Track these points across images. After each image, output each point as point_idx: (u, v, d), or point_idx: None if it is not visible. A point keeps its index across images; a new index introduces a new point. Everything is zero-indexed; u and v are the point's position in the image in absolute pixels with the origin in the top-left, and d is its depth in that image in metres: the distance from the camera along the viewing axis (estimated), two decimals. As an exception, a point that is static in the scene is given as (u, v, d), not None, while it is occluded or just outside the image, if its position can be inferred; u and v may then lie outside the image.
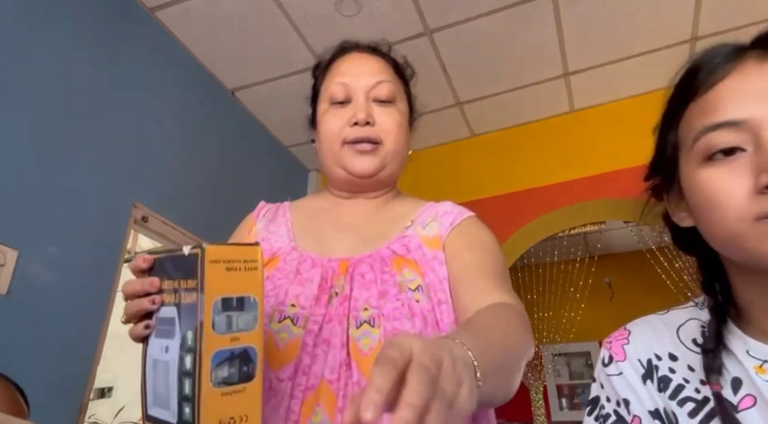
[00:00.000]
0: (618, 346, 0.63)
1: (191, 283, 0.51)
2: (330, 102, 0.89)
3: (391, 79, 0.90)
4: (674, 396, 0.56)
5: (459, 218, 0.86)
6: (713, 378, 0.53)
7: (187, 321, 0.51)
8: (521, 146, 3.05)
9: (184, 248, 0.53)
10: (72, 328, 1.73)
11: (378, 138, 0.86)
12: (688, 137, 0.55)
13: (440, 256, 0.80)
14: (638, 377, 0.59)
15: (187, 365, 0.50)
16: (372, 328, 0.72)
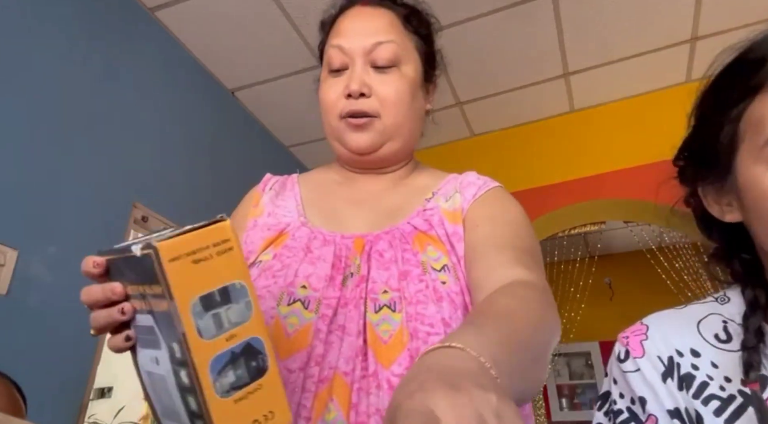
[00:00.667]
0: (636, 341, 0.58)
1: (156, 289, 0.42)
2: (327, 70, 0.80)
3: (394, 38, 0.78)
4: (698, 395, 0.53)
5: (483, 188, 0.77)
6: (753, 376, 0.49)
7: (167, 331, 0.43)
8: (521, 146, 3.05)
9: (134, 248, 0.42)
10: (72, 328, 1.73)
11: (375, 111, 0.76)
12: (756, 135, 0.50)
13: (459, 231, 0.71)
14: (658, 374, 0.55)
15: (185, 381, 0.42)
16: (393, 312, 0.64)
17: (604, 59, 2.63)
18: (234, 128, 2.78)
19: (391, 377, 0.60)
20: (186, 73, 2.50)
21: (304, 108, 2.84)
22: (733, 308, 0.57)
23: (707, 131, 0.56)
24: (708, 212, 0.58)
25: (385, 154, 0.79)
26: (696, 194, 0.59)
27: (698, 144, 0.58)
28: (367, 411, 0.58)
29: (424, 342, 0.61)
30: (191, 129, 2.46)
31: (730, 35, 2.42)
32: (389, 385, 0.59)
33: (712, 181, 0.57)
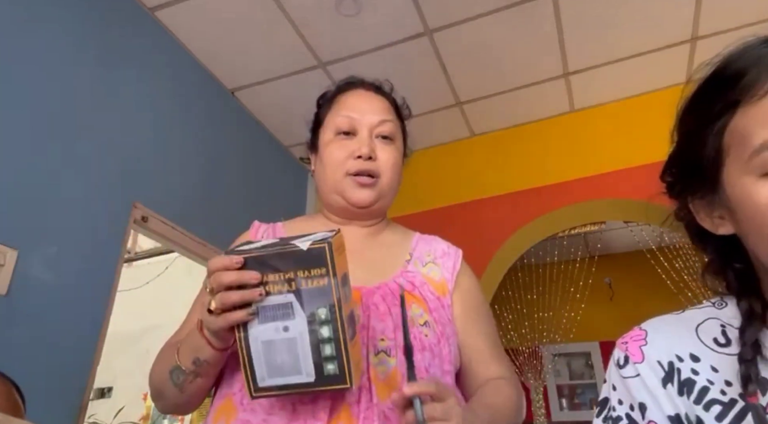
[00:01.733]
0: (635, 347, 0.58)
1: (317, 271, 0.64)
2: (335, 132, 0.96)
3: (392, 119, 0.99)
4: (699, 400, 0.52)
5: (457, 260, 0.98)
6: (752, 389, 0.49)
7: (313, 302, 0.65)
8: (521, 146, 3.05)
9: (300, 245, 0.65)
10: (72, 328, 1.73)
11: (377, 172, 0.94)
12: (743, 147, 0.51)
13: (447, 302, 0.91)
14: (658, 380, 0.55)
15: (325, 335, 0.65)
16: (388, 357, 0.80)
17: (604, 59, 2.63)
18: (234, 128, 2.78)
19: (386, 409, 0.74)
20: (186, 73, 2.50)
21: (304, 108, 2.83)
22: (730, 312, 0.57)
23: (692, 147, 0.57)
24: (700, 225, 0.58)
25: (377, 208, 0.97)
26: (687, 208, 0.60)
27: (684, 159, 0.59)
28: None
29: None
30: (191, 129, 2.46)
31: (730, 35, 2.42)
32: (385, 416, 0.74)
33: (702, 195, 0.57)
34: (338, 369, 0.66)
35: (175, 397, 0.81)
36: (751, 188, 0.50)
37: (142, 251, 5.05)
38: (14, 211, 1.61)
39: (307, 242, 0.65)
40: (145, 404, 4.74)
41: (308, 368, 0.67)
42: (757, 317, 0.53)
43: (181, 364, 0.77)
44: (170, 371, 0.79)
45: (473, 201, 2.96)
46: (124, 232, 1.99)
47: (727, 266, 0.58)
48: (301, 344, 0.66)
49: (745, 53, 0.52)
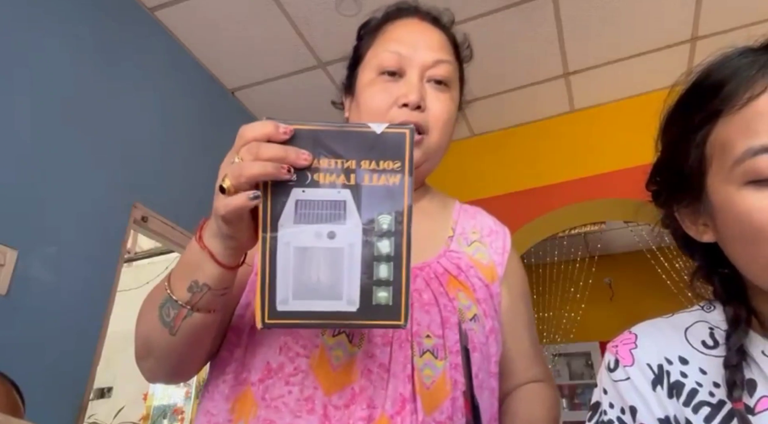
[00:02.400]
0: (625, 350, 0.59)
1: (389, 164, 0.49)
2: (378, 71, 0.76)
3: (450, 60, 0.79)
4: (688, 402, 0.53)
5: (506, 241, 0.84)
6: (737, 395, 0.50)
7: (376, 205, 0.50)
8: (521, 146, 3.05)
9: (373, 126, 0.50)
10: (72, 328, 1.73)
11: (426, 127, 0.75)
12: (724, 157, 0.51)
13: (495, 290, 0.77)
14: (647, 382, 0.56)
15: (384, 250, 0.50)
16: (435, 359, 0.65)
17: (604, 59, 2.63)
18: (234, 128, 2.76)
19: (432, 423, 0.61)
20: (186, 73, 2.50)
21: (304, 108, 2.84)
22: (718, 315, 0.58)
23: (675, 156, 0.57)
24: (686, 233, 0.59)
25: (421, 172, 0.79)
26: (673, 216, 0.60)
27: (668, 169, 0.59)
28: None
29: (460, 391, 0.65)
30: (191, 129, 2.46)
31: (730, 35, 2.42)
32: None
33: (687, 203, 0.57)
34: (392, 299, 0.50)
35: (163, 344, 0.60)
36: (733, 197, 0.50)
37: (142, 251, 5.05)
38: (14, 211, 1.61)
39: (381, 126, 0.49)
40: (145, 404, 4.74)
41: (352, 293, 0.50)
42: (742, 323, 0.54)
43: (173, 293, 0.57)
44: (159, 307, 0.58)
45: (474, 201, 2.93)
46: (124, 232, 1.99)
47: (714, 273, 0.59)
48: (349, 258, 0.50)
49: (725, 64, 0.53)
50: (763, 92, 0.49)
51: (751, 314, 0.55)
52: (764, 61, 0.51)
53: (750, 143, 0.48)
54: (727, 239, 0.53)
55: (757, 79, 0.50)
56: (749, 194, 0.49)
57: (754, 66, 0.51)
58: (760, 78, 0.50)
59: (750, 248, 0.50)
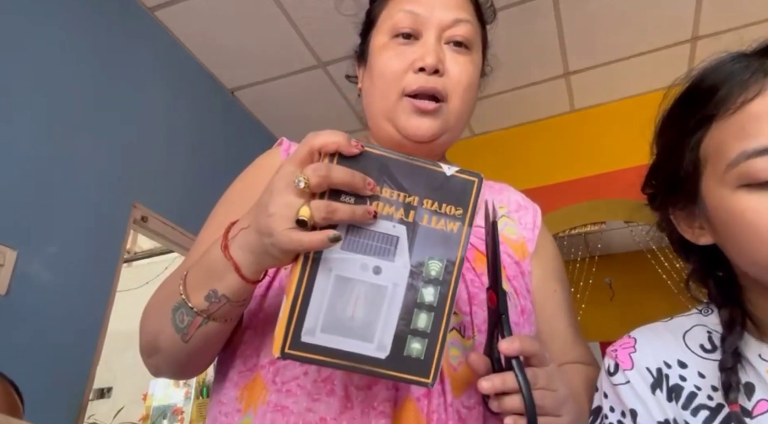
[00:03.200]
0: (624, 354, 0.59)
1: (452, 209, 0.47)
2: (392, 34, 0.71)
3: (470, 20, 0.72)
4: (687, 405, 0.53)
5: (537, 215, 0.79)
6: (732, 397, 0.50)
7: (428, 248, 0.47)
8: (521, 146, 3.05)
9: (444, 167, 0.47)
10: (72, 328, 1.73)
11: (444, 93, 0.69)
12: (718, 160, 0.52)
13: (527, 267, 0.72)
14: (647, 386, 0.56)
15: (428, 298, 0.47)
16: (462, 338, 0.61)
17: (604, 59, 2.63)
18: (234, 128, 2.77)
19: (461, 408, 0.57)
20: (186, 73, 2.50)
21: (304, 108, 2.83)
22: (716, 319, 0.58)
23: (670, 160, 0.58)
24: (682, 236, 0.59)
25: (438, 145, 0.73)
26: (668, 220, 0.61)
27: (664, 172, 0.60)
28: None
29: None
30: (191, 129, 2.46)
31: (730, 35, 2.41)
32: (459, 417, 0.56)
33: (682, 206, 0.58)
34: (424, 353, 0.47)
35: (174, 349, 0.58)
36: (728, 200, 0.51)
37: (141, 251, 5.05)
38: (14, 211, 1.61)
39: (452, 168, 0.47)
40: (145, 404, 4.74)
41: (385, 337, 0.46)
42: (737, 326, 0.54)
43: (189, 299, 0.54)
44: (173, 311, 0.56)
45: (473, 201, 2.95)
46: (124, 232, 1.99)
47: (710, 276, 0.60)
48: (391, 298, 0.47)
49: (718, 69, 0.54)
50: (756, 96, 0.50)
51: (745, 317, 0.55)
52: (757, 65, 0.51)
53: (743, 146, 0.49)
54: (726, 241, 0.53)
55: (750, 84, 0.50)
56: (743, 197, 0.49)
57: (746, 70, 0.51)
58: (753, 82, 0.50)
59: (748, 249, 0.50)
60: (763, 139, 0.48)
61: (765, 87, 0.50)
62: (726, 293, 0.57)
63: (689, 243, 0.59)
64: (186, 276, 0.56)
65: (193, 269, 0.56)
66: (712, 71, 0.54)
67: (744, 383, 0.52)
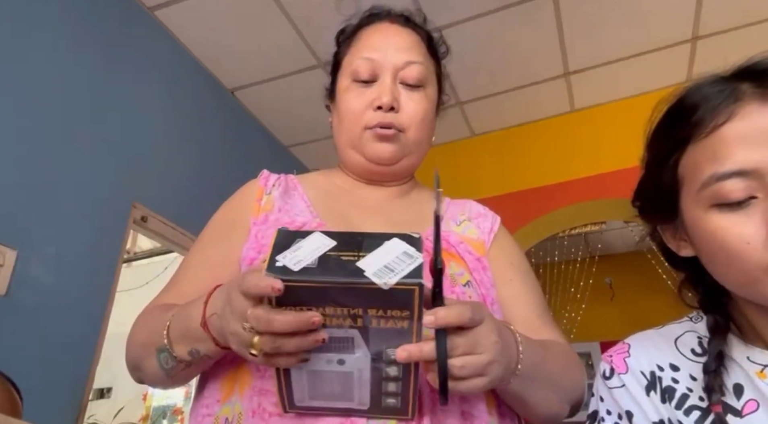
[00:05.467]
0: (619, 359, 0.62)
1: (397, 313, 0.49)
2: (353, 78, 0.81)
3: (422, 61, 0.81)
4: (680, 406, 0.56)
5: (495, 223, 0.85)
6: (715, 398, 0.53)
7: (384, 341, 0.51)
8: (521, 146, 3.05)
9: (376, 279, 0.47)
10: (71, 328, 1.73)
11: (401, 126, 0.78)
12: (693, 180, 0.55)
13: (485, 262, 0.78)
14: (641, 388, 0.59)
15: (392, 373, 0.53)
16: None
17: (604, 59, 2.63)
18: (234, 128, 2.77)
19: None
20: (186, 73, 2.50)
21: (304, 108, 2.83)
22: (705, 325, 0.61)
23: (653, 176, 0.61)
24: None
25: (401, 167, 0.82)
26: (656, 231, 0.65)
27: (648, 187, 0.63)
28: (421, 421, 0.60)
29: None
30: (191, 129, 2.46)
31: (730, 35, 2.41)
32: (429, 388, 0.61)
33: (666, 220, 0.61)
34: (400, 403, 0.55)
35: (158, 377, 0.68)
36: (701, 218, 0.54)
37: (141, 251, 5.05)
38: (14, 211, 1.61)
39: (389, 275, 0.47)
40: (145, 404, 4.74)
41: (363, 399, 0.55)
42: (721, 331, 0.58)
43: (174, 350, 0.63)
44: (157, 351, 0.64)
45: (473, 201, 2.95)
46: (124, 232, 1.99)
47: (699, 282, 0.63)
48: (359, 379, 0.54)
49: (696, 91, 0.57)
50: (726, 121, 0.53)
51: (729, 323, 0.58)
52: (729, 91, 0.54)
53: (714, 169, 0.52)
54: (702, 256, 0.57)
55: (721, 109, 0.53)
56: (714, 216, 0.52)
57: (720, 95, 0.54)
58: (724, 108, 0.53)
59: (719, 263, 0.54)
60: (731, 163, 0.51)
61: (734, 112, 0.53)
62: (713, 300, 0.60)
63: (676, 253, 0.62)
64: (169, 327, 0.63)
65: (176, 322, 0.63)
66: (690, 93, 0.58)
67: (734, 384, 0.54)
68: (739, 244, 0.50)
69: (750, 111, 0.52)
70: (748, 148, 0.51)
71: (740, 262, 0.50)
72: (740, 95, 0.53)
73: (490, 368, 0.52)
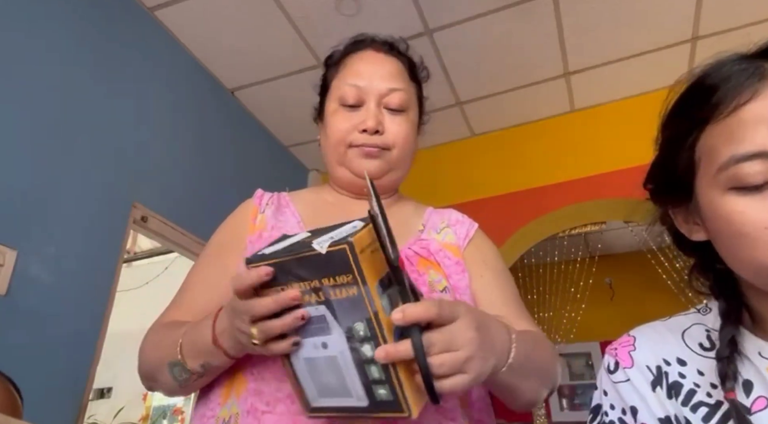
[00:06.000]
0: (624, 352, 0.61)
1: (343, 279, 0.52)
2: (340, 103, 0.87)
3: (404, 87, 0.89)
4: (686, 402, 0.55)
5: (471, 229, 0.91)
6: (729, 385, 0.51)
7: (348, 315, 0.53)
8: (521, 146, 3.05)
9: (317, 246, 0.52)
10: (71, 328, 1.73)
11: (386, 145, 0.85)
12: (710, 162, 0.53)
13: (462, 263, 0.84)
14: (647, 383, 0.57)
15: (368, 354, 0.54)
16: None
17: (604, 59, 2.63)
18: (234, 128, 2.77)
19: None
20: (186, 73, 2.50)
21: (304, 108, 2.82)
22: (714, 318, 0.59)
23: (669, 157, 0.59)
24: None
25: (386, 182, 0.88)
26: (667, 214, 0.63)
27: (662, 169, 0.61)
28: None
29: None
30: (191, 129, 2.46)
31: (730, 35, 2.41)
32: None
33: (679, 202, 0.59)
34: (391, 394, 0.54)
35: (171, 387, 0.74)
36: (717, 201, 0.52)
37: (141, 251, 5.05)
38: (14, 211, 1.61)
39: (326, 243, 0.52)
40: (145, 404, 4.74)
41: (358, 391, 0.56)
42: (733, 316, 0.56)
43: (186, 363, 0.69)
44: (170, 365, 0.71)
45: (473, 201, 2.96)
46: (124, 232, 1.99)
47: (710, 268, 0.61)
48: (344, 363, 0.55)
49: (717, 70, 0.55)
50: (748, 101, 0.50)
51: (741, 308, 0.56)
52: (753, 69, 0.52)
53: (733, 151, 0.50)
54: (715, 240, 0.55)
55: (744, 88, 0.51)
56: (731, 199, 0.50)
57: (742, 74, 0.52)
58: (747, 87, 0.51)
59: (734, 248, 0.52)
60: (751, 144, 0.49)
61: (758, 92, 0.50)
62: (725, 286, 0.58)
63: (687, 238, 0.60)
64: (182, 345, 0.70)
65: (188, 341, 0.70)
66: (711, 72, 0.55)
67: (743, 380, 0.52)
68: (756, 228, 0.48)
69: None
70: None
71: (756, 247, 0.48)
72: (765, 73, 0.51)
73: (469, 365, 0.53)
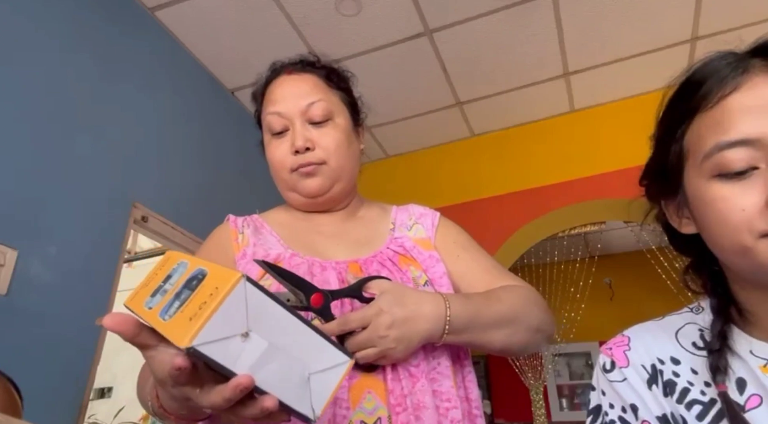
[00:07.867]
0: (620, 352, 0.62)
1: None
2: (270, 132, 0.91)
3: (323, 97, 0.91)
4: (681, 400, 0.55)
5: (435, 218, 0.96)
6: (719, 378, 0.52)
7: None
8: (521, 146, 3.05)
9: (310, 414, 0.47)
10: (72, 328, 1.73)
11: (321, 159, 0.87)
12: (697, 151, 0.55)
13: (435, 255, 0.88)
14: (643, 382, 0.58)
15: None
16: None
17: (604, 59, 2.63)
18: (234, 128, 2.77)
19: (410, 367, 0.75)
20: (186, 73, 2.50)
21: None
22: (707, 317, 0.60)
23: (661, 151, 0.62)
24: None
25: (334, 194, 0.91)
26: (661, 210, 0.64)
27: (655, 164, 0.63)
28: (402, 393, 0.72)
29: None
30: (191, 129, 2.46)
31: (730, 35, 2.42)
32: (410, 373, 0.74)
33: (671, 196, 0.61)
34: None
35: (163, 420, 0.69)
36: (703, 189, 0.54)
37: (142, 251, 5.06)
38: (14, 211, 1.61)
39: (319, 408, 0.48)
40: (145, 404, 4.74)
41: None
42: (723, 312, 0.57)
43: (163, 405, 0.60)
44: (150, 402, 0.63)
45: (473, 201, 2.96)
46: (124, 232, 1.99)
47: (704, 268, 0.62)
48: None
49: (707, 65, 0.57)
50: (732, 92, 0.53)
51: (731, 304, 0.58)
52: (738, 63, 0.54)
53: (717, 139, 0.52)
54: (702, 229, 0.57)
55: (729, 80, 0.53)
56: (715, 186, 0.52)
57: (729, 67, 0.54)
58: (731, 79, 0.53)
59: (717, 236, 0.53)
60: (735, 132, 0.51)
61: (741, 83, 0.53)
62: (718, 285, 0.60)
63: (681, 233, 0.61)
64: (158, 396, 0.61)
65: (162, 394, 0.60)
66: (700, 67, 0.57)
67: (736, 378, 0.53)
68: (735, 212, 0.50)
69: (757, 82, 0.52)
70: (754, 118, 0.50)
71: (733, 229, 0.50)
72: (749, 68, 0.53)
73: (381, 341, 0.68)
